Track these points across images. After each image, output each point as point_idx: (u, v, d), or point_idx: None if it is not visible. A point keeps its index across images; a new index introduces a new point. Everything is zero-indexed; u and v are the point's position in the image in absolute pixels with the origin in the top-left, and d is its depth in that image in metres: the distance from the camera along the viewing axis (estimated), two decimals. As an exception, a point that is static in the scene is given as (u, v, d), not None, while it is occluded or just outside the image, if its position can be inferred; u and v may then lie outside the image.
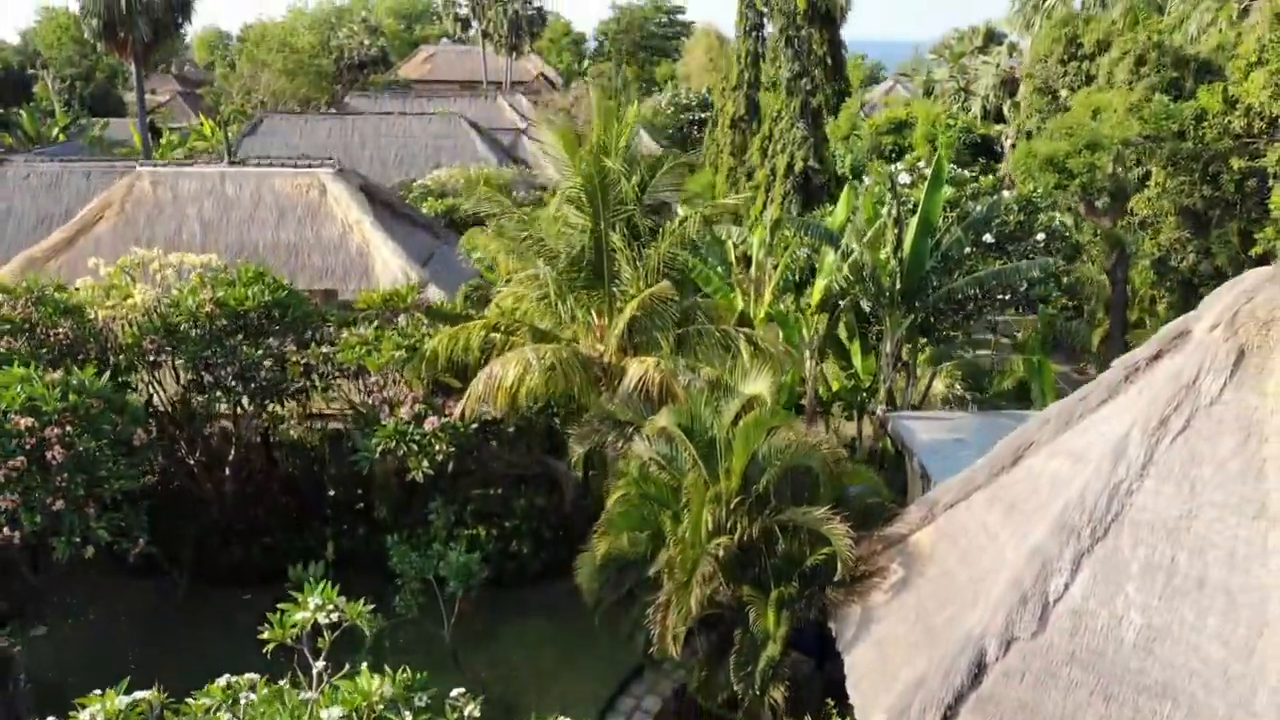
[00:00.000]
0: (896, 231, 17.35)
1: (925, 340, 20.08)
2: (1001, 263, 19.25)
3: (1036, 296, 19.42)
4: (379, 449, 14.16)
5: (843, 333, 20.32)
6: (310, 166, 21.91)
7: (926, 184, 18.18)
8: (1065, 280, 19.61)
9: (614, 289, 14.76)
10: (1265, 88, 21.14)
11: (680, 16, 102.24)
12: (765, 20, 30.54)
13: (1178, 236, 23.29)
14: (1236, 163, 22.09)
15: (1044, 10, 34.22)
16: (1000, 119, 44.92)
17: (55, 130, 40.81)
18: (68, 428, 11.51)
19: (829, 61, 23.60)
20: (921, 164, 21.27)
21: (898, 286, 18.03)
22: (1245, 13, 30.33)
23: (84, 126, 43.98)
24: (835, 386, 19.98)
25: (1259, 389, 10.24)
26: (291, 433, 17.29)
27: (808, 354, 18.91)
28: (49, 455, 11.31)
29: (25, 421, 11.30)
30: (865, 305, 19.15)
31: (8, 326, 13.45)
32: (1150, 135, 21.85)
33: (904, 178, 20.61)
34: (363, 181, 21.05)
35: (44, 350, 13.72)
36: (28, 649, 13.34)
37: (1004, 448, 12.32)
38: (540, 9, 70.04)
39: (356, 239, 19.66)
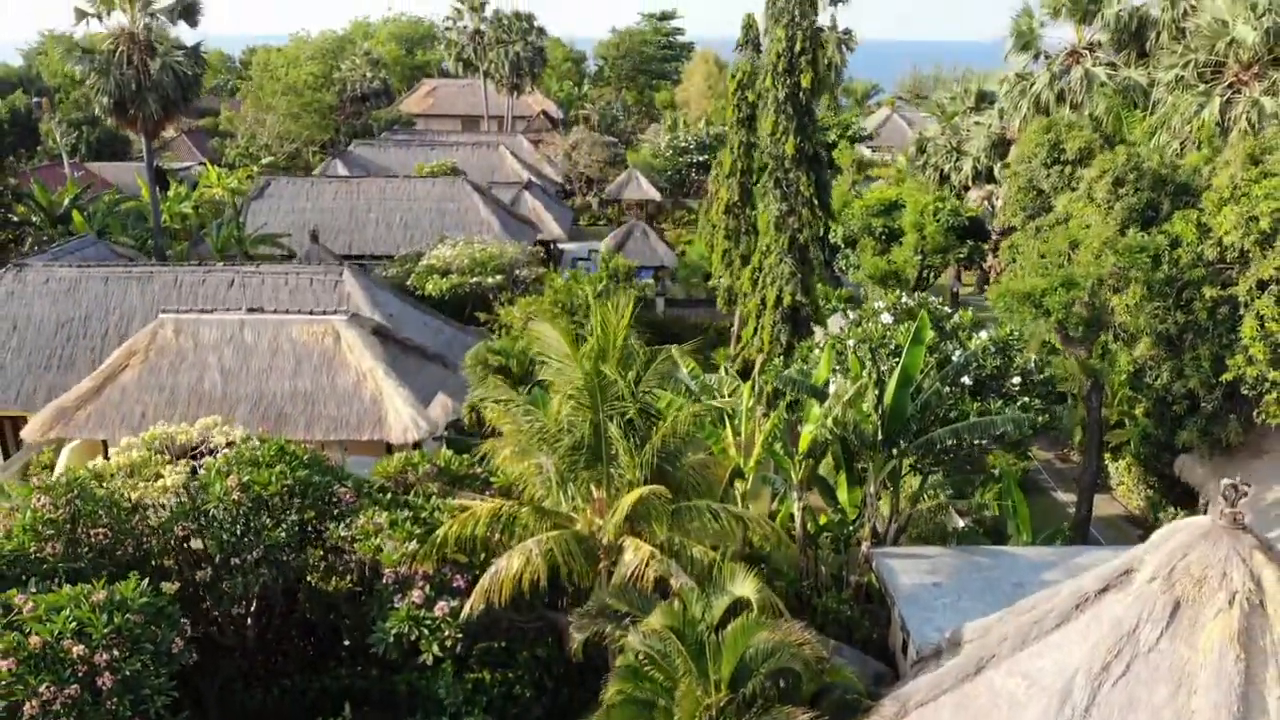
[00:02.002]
0: (878, 391, 18.47)
1: (909, 466, 21.16)
2: (979, 405, 20.34)
3: (1011, 440, 20.53)
4: (393, 632, 15.29)
5: (828, 464, 21.42)
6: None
7: (909, 338, 19.29)
8: (1042, 419, 20.68)
9: (611, 470, 15.91)
10: (1236, 227, 22.18)
11: (679, 38, 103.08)
12: (757, 112, 31.48)
13: (1153, 354, 24.29)
14: (1209, 290, 23.04)
15: (1030, 95, 35.14)
16: (991, 179, 46.01)
17: (65, 200, 41.79)
18: (115, 651, 12.60)
19: (815, 202, 24.71)
20: (905, 299, 22.34)
21: (879, 436, 19.16)
22: (1228, 103, 31.30)
23: (95, 196, 44.96)
24: (822, 520, 21.13)
25: (1191, 642, 11.36)
26: (310, 579, 18.39)
27: (795, 495, 20.04)
28: (99, 681, 12.42)
29: (77, 649, 12.38)
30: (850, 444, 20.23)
31: (51, 531, 14.53)
32: (1125, 266, 22.89)
33: (886, 317, 21.68)
34: (376, 325, 22.03)
35: (84, 549, 14.81)
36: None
37: (969, 657, 13.47)
38: (541, 49, 70.88)
39: (370, 388, 20.63)
